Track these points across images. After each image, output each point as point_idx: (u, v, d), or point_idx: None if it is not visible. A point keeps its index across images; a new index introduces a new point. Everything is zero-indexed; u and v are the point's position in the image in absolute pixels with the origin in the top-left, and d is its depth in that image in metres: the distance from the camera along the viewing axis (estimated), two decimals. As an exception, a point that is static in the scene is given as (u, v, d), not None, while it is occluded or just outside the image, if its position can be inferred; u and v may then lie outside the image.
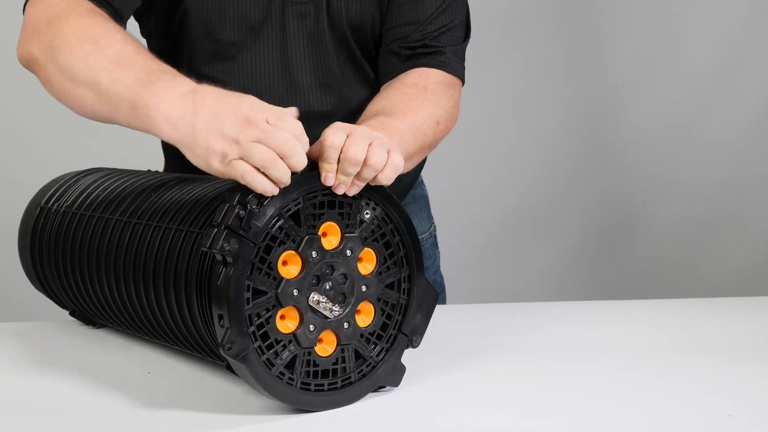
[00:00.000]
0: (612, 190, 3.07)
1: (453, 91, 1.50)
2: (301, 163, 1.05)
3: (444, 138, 1.48)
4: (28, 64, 1.31)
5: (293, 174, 1.08)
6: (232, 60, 1.50)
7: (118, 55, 1.18)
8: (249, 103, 1.06)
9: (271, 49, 1.50)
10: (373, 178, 1.10)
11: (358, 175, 1.09)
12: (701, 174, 3.05)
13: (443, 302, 1.74)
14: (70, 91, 1.23)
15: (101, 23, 1.25)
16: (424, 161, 1.73)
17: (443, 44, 1.50)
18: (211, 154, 1.06)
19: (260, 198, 1.05)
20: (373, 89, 1.56)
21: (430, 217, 1.77)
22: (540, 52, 2.99)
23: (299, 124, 1.06)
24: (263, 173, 1.04)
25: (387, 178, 1.11)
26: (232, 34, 1.49)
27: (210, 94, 1.10)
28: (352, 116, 1.53)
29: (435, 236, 1.77)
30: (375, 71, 1.57)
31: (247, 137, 1.03)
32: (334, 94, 1.53)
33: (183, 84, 1.13)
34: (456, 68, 1.51)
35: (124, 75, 1.16)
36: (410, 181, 1.71)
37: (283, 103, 1.50)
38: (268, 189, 1.04)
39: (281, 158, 1.04)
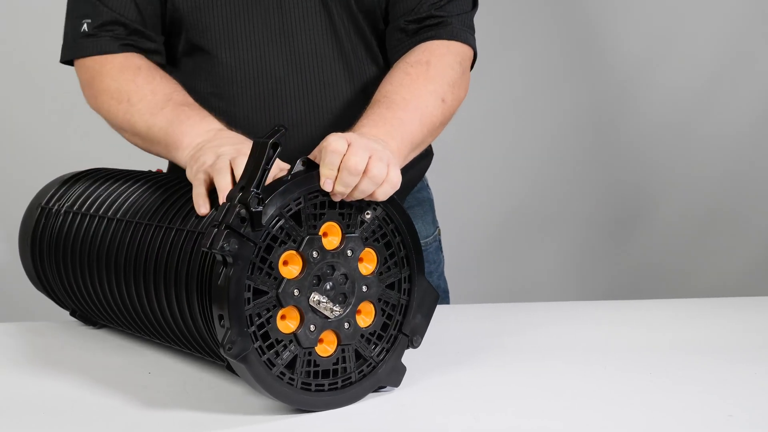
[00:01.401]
0: (610, 192, 3.07)
1: (461, 59, 1.46)
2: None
3: (456, 111, 1.44)
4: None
5: (293, 175, 1.08)
6: (224, 31, 1.49)
7: (149, 106, 1.38)
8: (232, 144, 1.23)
9: (270, 15, 1.48)
10: (371, 194, 1.11)
11: (356, 187, 1.09)
12: (700, 175, 3.05)
13: None
14: (124, 136, 1.46)
15: (131, 78, 1.43)
16: (428, 163, 1.71)
17: (449, 13, 1.47)
18: (197, 162, 1.22)
19: (261, 198, 1.05)
20: (380, 67, 1.52)
21: (434, 221, 1.74)
22: (541, 49, 2.98)
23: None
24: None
25: (384, 195, 1.12)
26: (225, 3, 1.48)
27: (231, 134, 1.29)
28: (362, 90, 1.50)
29: (439, 240, 1.75)
30: (382, 49, 1.54)
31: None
32: (345, 65, 1.50)
33: (210, 123, 1.32)
34: (463, 36, 1.48)
35: (158, 121, 1.36)
36: (413, 177, 1.68)
37: (283, 72, 1.48)
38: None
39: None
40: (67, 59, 1.53)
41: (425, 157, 1.69)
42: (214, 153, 1.20)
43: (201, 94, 1.49)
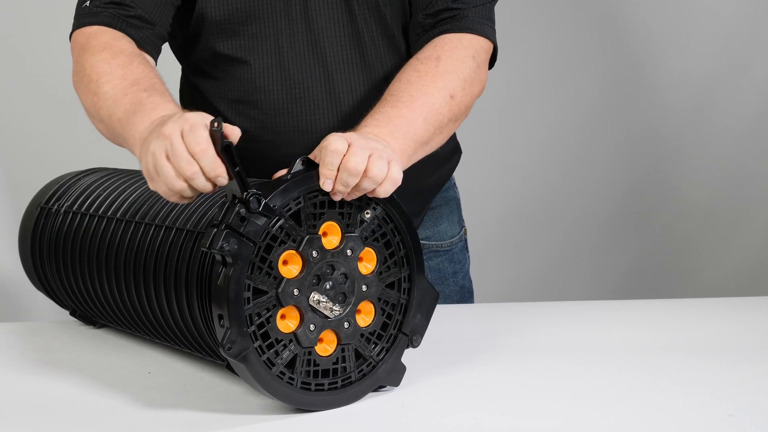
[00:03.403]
0: (609, 193, 3.07)
1: (475, 53, 1.43)
2: (204, 187, 1.07)
3: (472, 105, 1.41)
4: None
5: (293, 174, 1.08)
6: (252, 37, 1.47)
7: (114, 91, 1.27)
8: (171, 117, 1.09)
9: (295, 18, 1.46)
10: (372, 191, 1.11)
11: (356, 186, 1.09)
12: (701, 175, 3.05)
13: None
14: (94, 124, 1.36)
15: (108, 59, 1.33)
16: (456, 162, 1.69)
17: (466, 5, 1.44)
18: (143, 167, 1.12)
19: (260, 198, 1.05)
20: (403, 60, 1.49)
21: (460, 221, 1.73)
22: (541, 45, 2.98)
23: (201, 137, 1.05)
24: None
25: (385, 192, 1.11)
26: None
27: (164, 118, 1.14)
28: (379, 88, 1.46)
29: (465, 240, 1.73)
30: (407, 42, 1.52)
31: (159, 149, 1.08)
32: (363, 65, 1.49)
33: (158, 113, 1.19)
34: (479, 28, 1.44)
35: (117, 110, 1.25)
36: (441, 176, 1.66)
37: (308, 79, 1.46)
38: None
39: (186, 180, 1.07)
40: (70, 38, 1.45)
41: (453, 155, 1.68)
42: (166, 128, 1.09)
43: (228, 100, 1.49)
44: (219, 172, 1.05)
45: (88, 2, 1.42)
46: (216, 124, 1.04)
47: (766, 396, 1.16)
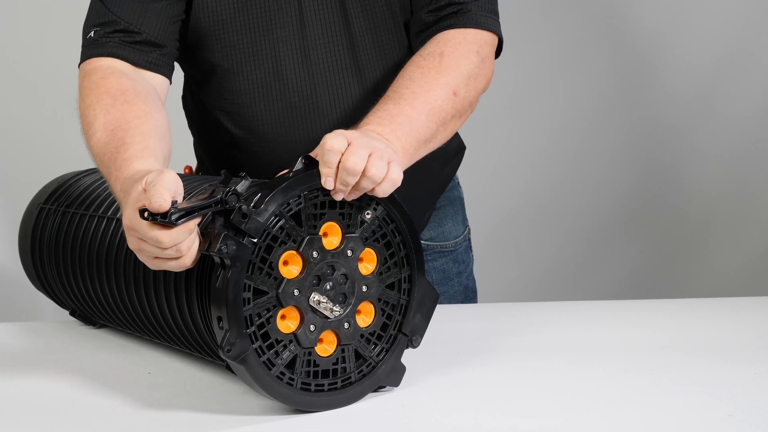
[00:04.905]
0: (609, 193, 3.07)
1: (479, 48, 1.41)
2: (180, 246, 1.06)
3: (477, 100, 1.40)
4: None
5: (295, 173, 1.08)
6: (247, 48, 1.46)
7: (97, 147, 1.28)
8: (126, 209, 1.10)
9: (291, 26, 1.45)
10: (371, 190, 1.10)
11: (356, 185, 1.09)
12: (701, 174, 3.05)
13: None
14: None
15: (93, 104, 1.33)
16: (461, 159, 1.69)
17: None
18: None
19: (260, 198, 1.06)
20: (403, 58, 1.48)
21: (464, 220, 1.73)
22: (536, 49, 2.98)
23: (157, 235, 1.05)
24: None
25: (384, 192, 1.11)
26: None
27: (121, 197, 1.16)
28: (374, 93, 1.46)
29: (469, 239, 1.74)
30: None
31: (143, 257, 1.10)
32: (358, 73, 1.48)
33: (117, 185, 1.19)
34: (483, 22, 1.43)
35: (103, 170, 1.26)
36: (448, 175, 1.66)
37: (306, 88, 1.45)
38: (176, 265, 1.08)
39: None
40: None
41: (458, 153, 1.67)
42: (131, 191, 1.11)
43: (226, 112, 1.48)
44: (195, 230, 1.05)
45: (93, 33, 1.41)
46: (147, 215, 1.03)
47: (766, 396, 1.16)
